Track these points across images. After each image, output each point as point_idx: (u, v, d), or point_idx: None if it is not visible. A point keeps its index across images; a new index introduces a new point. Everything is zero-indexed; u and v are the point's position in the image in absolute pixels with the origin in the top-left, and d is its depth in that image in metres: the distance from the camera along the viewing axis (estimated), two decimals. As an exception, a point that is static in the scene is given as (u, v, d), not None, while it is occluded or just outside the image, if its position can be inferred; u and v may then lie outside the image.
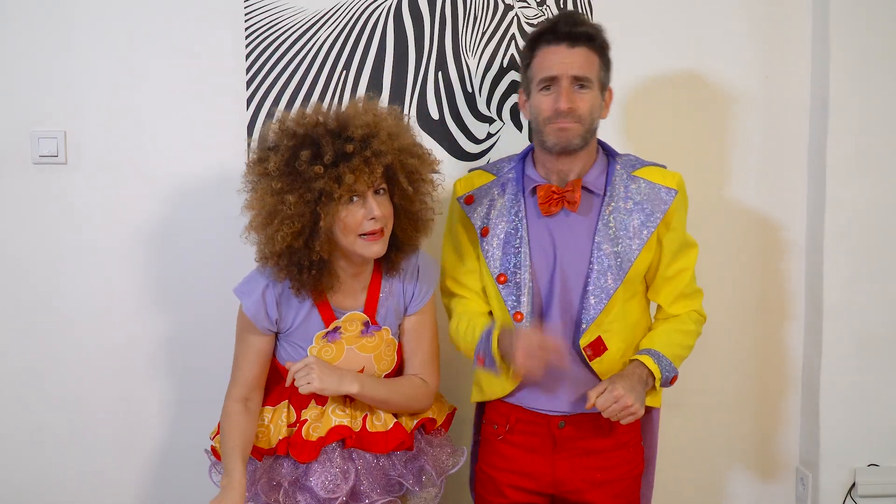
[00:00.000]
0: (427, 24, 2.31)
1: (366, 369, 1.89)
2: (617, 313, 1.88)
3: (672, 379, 1.90)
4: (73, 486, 2.35)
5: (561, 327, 1.88)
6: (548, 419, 1.91)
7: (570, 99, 1.82)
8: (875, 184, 2.30)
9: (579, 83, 1.83)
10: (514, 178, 1.94)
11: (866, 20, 2.26)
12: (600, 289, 1.85)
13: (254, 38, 2.28)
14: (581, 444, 1.90)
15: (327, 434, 1.86)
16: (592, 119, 1.86)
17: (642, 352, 1.89)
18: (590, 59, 1.85)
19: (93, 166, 2.29)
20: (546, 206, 1.88)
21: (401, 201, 1.82)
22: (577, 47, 1.83)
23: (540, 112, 1.86)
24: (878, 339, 2.32)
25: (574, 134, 1.84)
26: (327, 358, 1.87)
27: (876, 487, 2.34)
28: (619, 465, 1.93)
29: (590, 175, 1.90)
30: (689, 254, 1.96)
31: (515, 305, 1.88)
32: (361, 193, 1.75)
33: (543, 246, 1.89)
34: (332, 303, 1.88)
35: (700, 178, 2.37)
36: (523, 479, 1.93)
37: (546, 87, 1.85)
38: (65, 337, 2.32)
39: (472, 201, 1.96)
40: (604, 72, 1.89)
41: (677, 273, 1.94)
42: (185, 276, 2.33)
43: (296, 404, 1.91)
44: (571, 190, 1.87)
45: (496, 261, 1.90)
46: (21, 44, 2.25)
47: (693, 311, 1.97)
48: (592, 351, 1.87)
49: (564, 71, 1.82)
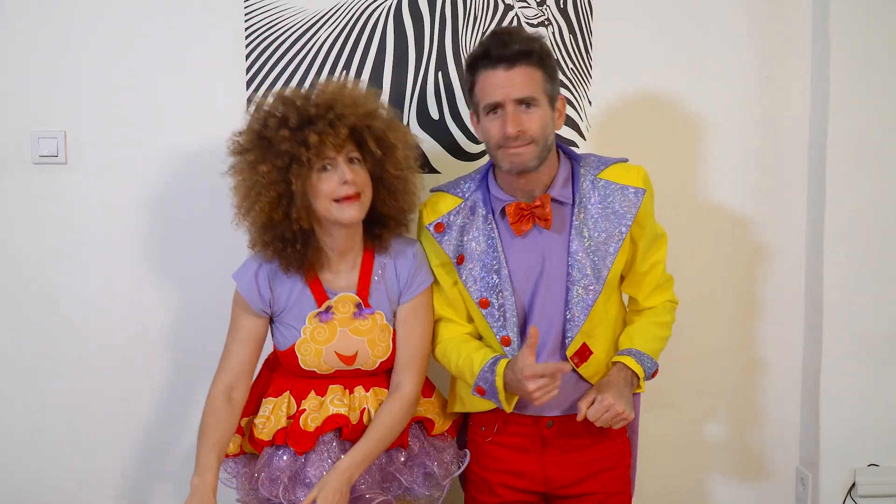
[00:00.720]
0: (427, 24, 2.31)
1: (359, 354, 1.90)
2: (599, 317, 1.89)
3: (654, 373, 1.92)
4: (73, 486, 2.35)
5: (549, 342, 1.87)
6: (536, 420, 1.92)
7: (518, 122, 1.77)
8: (875, 184, 2.30)
9: (524, 104, 1.79)
10: (480, 199, 1.92)
11: (866, 20, 2.26)
12: (582, 300, 1.84)
13: (254, 38, 2.28)
14: (570, 440, 1.92)
15: (324, 422, 1.86)
16: (546, 136, 1.82)
17: (623, 352, 1.90)
18: (531, 77, 1.79)
19: (93, 166, 2.29)
20: (518, 225, 1.86)
21: (374, 168, 1.85)
22: (516, 67, 1.77)
23: (490, 137, 1.83)
24: (878, 339, 2.32)
25: (528, 157, 1.80)
26: (320, 339, 1.88)
27: (876, 487, 2.34)
28: (607, 456, 1.95)
29: (555, 186, 1.88)
30: (661, 245, 1.96)
31: (501, 329, 1.87)
32: (332, 161, 1.80)
33: (520, 265, 1.88)
34: (323, 283, 1.90)
35: (700, 178, 2.37)
36: (515, 478, 1.93)
37: (493, 110, 1.81)
38: (65, 336, 2.32)
39: (441, 229, 1.92)
40: (549, 84, 1.82)
41: (651, 267, 1.95)
42: (185, 277, 2.33)
43: (296, 395, 1.92)
44: (541, 205, 1.85)
45: (476, 285, 1.88)
46: (21, 44, 2.25)
47: (667, 300, 1.99)
48: (579, 358, 1.87)
49: (506, 95, 1.77)
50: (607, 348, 1.93)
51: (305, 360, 1.89)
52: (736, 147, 2.37)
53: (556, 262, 1.87)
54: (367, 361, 1.91)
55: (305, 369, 1.90)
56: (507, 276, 1.87)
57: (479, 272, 1.88)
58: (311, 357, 1.89)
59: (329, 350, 1.89)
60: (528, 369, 1.72)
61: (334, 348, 1.89)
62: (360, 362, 1.91)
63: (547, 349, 1.88)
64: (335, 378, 1.92)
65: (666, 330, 1.98)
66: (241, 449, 1.94)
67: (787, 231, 2.40)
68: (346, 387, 1.91)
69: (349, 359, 1.90)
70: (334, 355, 1.89)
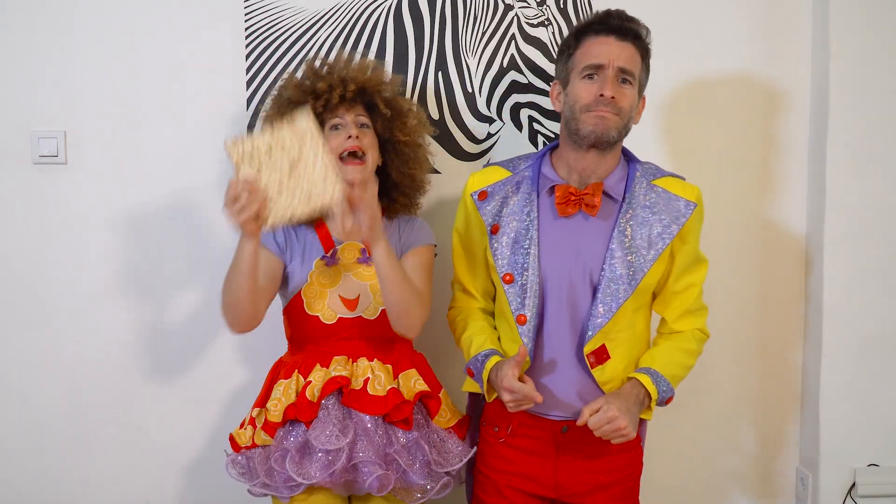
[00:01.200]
0: (427, 24, 2.31)
1: (361, 298, 1.96)
2: (625, 323, 1.85)
3: (668, 399, 1.88)
4: (73, 487, 2.35)
5: (568, 336, 1.86)
6: (551, 423, 1.89)
7: (615, 88, 1.80)
8: (875, 184, 2.30)
9: (623, 76, 1.82)
10: (529, 177, 1.92)
11: (866, 20, 2.26)
12: (610, 297, 1.82)
13: (254, 38, 2.28)
14: (585, 447, 1.87)
15: (325, 385, 1.89)
16: (629, 118, 1.84)
17: (642, 370, 1.86)
18: (635, 57, 1.84)
19: (93, 166, 2.29)
20: (563, 206, 1.85)
21: (384, 132, 1.99)
22: (626, 42, 1.82)
23: (579, 99, 1.83)
24: (878, 339, 2.32)
25: (612, 125, 1.81)
26: (325, 281, 1.96)
27: (876, 487, 2.34)
28: (621, 468, 1.92)
29: (610, 179, 1.87)
30: (700, 269, 1.94)
31: (520, 308, 1.85)
32: (342, 122, 1.94)
33: (555, 248, 1.87)
34: (331, 231, 2.00)
35: (699, 178, 2.35)
36: (524, 481, 1.91)
37: (589, 75, 1.82)
38: (64, 336, 2.32)
39: (485, 197, 1.93)
40: (644, 75, 1.88)
41: (686, 288, 1.92)
42: (186, 277, 2.33)
43: (304, 373, 1.95)
44: (591, 193, 1.84)
45: (504, 260, 1.88)
46: (21, 44, 2.25)
47: (697, 329, 1.95)
48: (595, 358, 1.84)
49: (612, 60, 1.81)
50: (626, 360, 1.87)
51: (310, 304, 1.95)
52: (735, 147, 2.37)
53: (593, 254, 1.84)
54: (370, 307, 1.95)
55: (310, 314, 1.94)
56: (535, 255, 1.85)
57: (509, 246, 1.88)
58: (316, 300, 1.95)
59: (333, 294, 1.95)
60: (506, 381, 1.76)
61: (338, 292, 1.95)
62: (362, 308, 1.95)
63: (565, 341, 1.86)
64: (340, 340, 1.95)
65: (690, 358, 1.93)
66: (253, 441, 1.94)
67: (787, 231, 2.40)
68: (350, 356, 1.95)
69: (352, 303, 1.95)
70: (338, 299, 1.95)
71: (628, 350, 1.88)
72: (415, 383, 1.97)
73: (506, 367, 1.77)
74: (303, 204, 1.76)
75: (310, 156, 1.76)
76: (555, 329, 1.86)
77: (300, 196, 1.76)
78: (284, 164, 1.76)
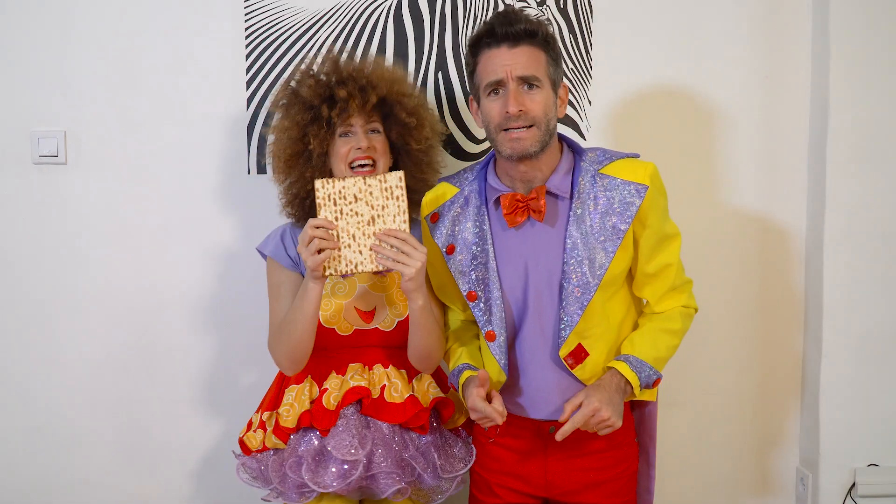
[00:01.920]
0: (427, 24, 2.31)
1: (377, 311, 1.94)
2: (598, 318, 1.81)
3: (655, 381, 1.84)
4: (73, 487, 2.35)
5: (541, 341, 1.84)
6: (537, 424, 1.88)
7: (519, 101, 1.74)
8: (875, 183, 2.30)
9: (527, 83, 1.75)
10: (476, 190, 1.88)
11: (866, 20, 2.26)
12: (577, 298, 1.77)
13: (254, 38, 2.29)
14: (574, 445, 1.85)
15: (344, 396, 1.88)
16: (547, 120, 1.77)
17: (620, 358, 1.82)
18: (535, 57, 1.76)
19: (93, 166, 2.29)
20: (511, 216, 1.81)
21: (398, 140, 1.97)
22: (519, 46, 1.75)
23: (491, 119, 1.79)
24: (878, 339, 2.32)
25: (529, 142, 1.76)
26: (340, 294, 1.95)
27: (876, 487, 2.34)
28: (613, 464, 1.90)
29: (554, 178, 1.82)
30: (671, 247, 1.86)
31: (487, 324, 1.84)
32: (352, 129, 1.91)
33: (512, 259, 1.84)
34: None
35: (700, 177, 2.37)
36: (515, 480, 1.91)
37: (494, 90, 1.77)
38: (65, 336, 2.32)
39: (437, 219, 1.91)
40: (553, 68, 1.79)
41: (661, 269, 1.85)
42: (186, 276, 2.33)
43: (317, 379, 1.94)
44: (535, 198, 1.80)
45: (464, 278, 1.86)
46: (21, 44, 2.26)
47: (681, 305, 1.89)
48: (574, 359, 1.81)
49: (509, 72, 1.74)
50: (607, 352, 1.84)
51: (326, 316, 1.92)
52: (736, 147, 2.37)
53: (551, 258, 1.80)
54: (386, 319, 1.94)
55: (326, 327, 1.92)
56: (494, 269, 1.83)
57: (467, 264, 1.85)
58: (332, 312, 1.92)
59: (349, 306, 1.93)
60: (469, 400, 1.79)
61: (354, 304, 1.94)
62: (378, 320, 1.94)
63: (539, 348, 1.84)
64: (355, 348, 1.94)
65: (673, 338, 1.86)
66: (263, 444, 1.94)
67: (787, 231, 2.40)
68: (365, 363, 1.94)
69: (368, 314, 1.94)
70: (354, 311, 1.94)
71: (607, 342, 1.84)
72: (429, 387, 1.96)
73: (471, 386, 1.80)
74: (366, 262, 1.80)
75: (389, 217, 1.80)
76: (527, 338, 1.84)
77: (367, 253, 1.80)
78: (365, 216, 1.80)
